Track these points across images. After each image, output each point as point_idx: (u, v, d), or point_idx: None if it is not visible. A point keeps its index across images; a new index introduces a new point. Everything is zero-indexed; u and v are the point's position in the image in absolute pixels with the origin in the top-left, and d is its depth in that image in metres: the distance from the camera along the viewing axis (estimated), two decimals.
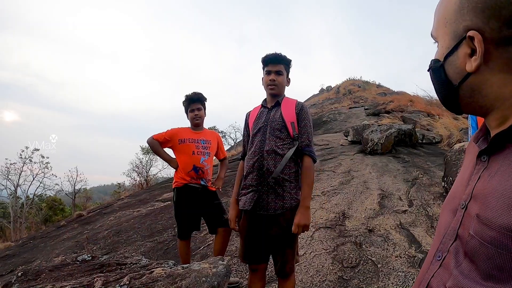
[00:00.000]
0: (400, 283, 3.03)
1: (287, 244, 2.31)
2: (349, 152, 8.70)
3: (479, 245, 0.60)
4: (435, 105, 14.13)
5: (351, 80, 31.97)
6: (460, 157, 5.01)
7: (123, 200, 10.60)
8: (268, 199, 2.27)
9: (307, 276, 3.35)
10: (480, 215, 0.62)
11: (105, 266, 2.90)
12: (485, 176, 0.66)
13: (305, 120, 2.40)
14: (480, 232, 0.61)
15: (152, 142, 3.54)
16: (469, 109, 0.72)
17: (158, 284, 2.21)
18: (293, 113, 2.39)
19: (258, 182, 2.30)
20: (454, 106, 0.74)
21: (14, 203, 20.44)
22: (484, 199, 0.62)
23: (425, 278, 0.78)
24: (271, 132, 2.36)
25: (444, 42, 0.71)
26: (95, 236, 6.60)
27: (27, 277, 2.73)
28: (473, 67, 0.64)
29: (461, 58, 0.67)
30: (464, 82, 0.67)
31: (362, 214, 4.61)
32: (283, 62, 2.47)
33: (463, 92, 0.69)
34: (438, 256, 0.75)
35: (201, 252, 4.36)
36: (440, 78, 0.73)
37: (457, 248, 0.69)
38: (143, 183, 19.56)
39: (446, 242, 0.73)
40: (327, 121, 16.28)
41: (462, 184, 0.75)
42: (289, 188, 2.29)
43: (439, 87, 0.74)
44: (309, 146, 2.37)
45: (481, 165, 0.69)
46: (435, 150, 8.47)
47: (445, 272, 0.71)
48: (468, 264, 0.64)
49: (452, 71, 0.70)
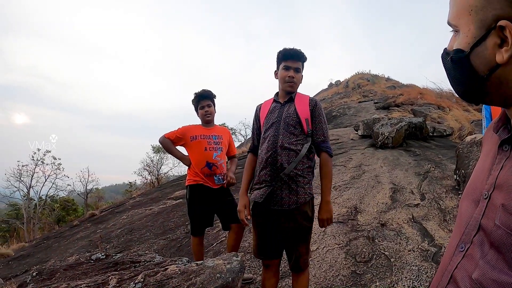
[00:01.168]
0: (413, 277, 3.01)
1: (302, 239, 2.32)
2: (360, 146, 8.66)
3: (506, 235, 0.60)
4: (445, 98, 13.98)
5: (360, 74, 31.77)
6: (472, 150, 4.95)
7: (135, 199, 10.69)
8: (282, 194, 2.27)
9: (320, 271, 3.35)
10: (506, 205, 0.61)
11: (119, 264, 2.92)
12: (509, 166, 0.65)
13: (319, 116, 2.40)
14: (506, 222, 0.60)
15: (164, 141, 3.55)
16: (493, 101, 0.70)
17: (172, 281, 2.23)
18: (307, 109, 2.39)
19: (272, 178, 2.30)
20: (476, 97, 0.71)
21: (27, 204, 20.68)
22: (510, 189, 0.61)
23: (448, 270, 0.76)
24: (285, 127, 2.34)
25: (468, 32, 0.67)
26: (108, 235, 6.67)
27: (42, 276, 2.76)
28: (505, 58, 0.61)
29: (490, 49, 0.63)
30: (493, 73, 0.64)
31: (374, 208, 4.59)
32: (302, 59, 2.46)
33: (491, 84, 0.66)
34: (461, 247, 0.73)
35: (214, 249, 4.38)
36: (464, 69, 0.69)
37: (481, 239, 0.68)
38: (154, 181, 19.66)
39: (469, 233, 0.72)
40: (336, 115, 16.21)
41: (483, 174, 0.73)
42: (302, 183, 2.29)
43: (462, 78, 0.71)
44: (325, 141, 2.38)
45: (503, 155, 0.68)
46: (446, 143, 8.38)
47: (470, 262, 0.69)
48: (495, 254, 0.63)
49: (479, 62, 0.66)
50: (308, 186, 2.33)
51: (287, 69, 2.41)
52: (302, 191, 2.28)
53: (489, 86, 0.67)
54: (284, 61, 2.42)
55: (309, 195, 2.32)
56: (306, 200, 2.29)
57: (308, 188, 2.33)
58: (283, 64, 2.43)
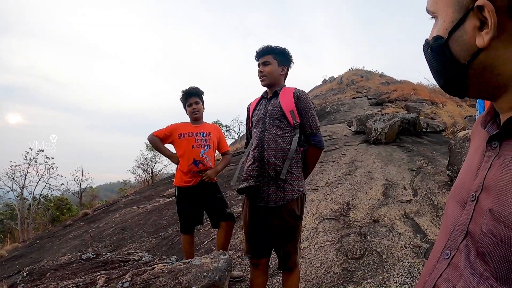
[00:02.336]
0: (405, 274, 3.00)
1: (289, 238, 2.27)
2: (353, 142, 8.66)
3: (493, 245, 0.54)
4: (439, 93, 14.03)
5: (354, 70, 31.86)
6: (464, 145, 4.96)
7: (128, 197, 10.65)
8: (269, 190, 2.23)
9: (311, 268, 3.33)
10: (494, 211, 0.55)
11: (108, 264, 2.90)
12: (497, 165, 0.59)
13: (306, 108, 2.34)
14: (494, 230, 0.55)
15: (153, 139, 3.52)
16: (478, 91, 0.64)
17: (159, 280, 2.20)
18: (292, 101, 2.34)
19: (259, 173, 2.27)
20: (460, 89, 0.65)
21: (21, 204, 20.57)
22: (499, 193, 0.56)
23: (431, 278, 0.71)
24: (270, 122, 2.32)
25: (446, 16, 0.62)
26: (100, 234, 6.63)
27: (32, 277, 2.74)
28: (486, 42, 0.56)
29: (469, 33, 0.58)
30: (475, 59, 0.59)
31: (367, 204, 4.58)
32: (269, 52, 2.45)
33: (473, 72, 0.60)
34: (446, 254, 0.68)
35: (205, 247, 4.35)
36: (444, 57, 0.64)
37: (468, 246, 0.63)
38: (148, 179, 19.63)
39: (455, 239, 0.67)
40: (330, 111, 16.22)
41: (470, 173, 0.68)
42: (290, 179, 2.24)
43: (442, 68, 0.65)
44: (314, 134, 2.35)
45: (492, 152, 0.62)
46: (440, 138, 8.40)
47: (454, 272, 0.64)
48: (481, 264, 0.58)
49: (459, 48, 0.61)
50: (297, 182, 2.28)
51: (258, 67, 2.46)
52: (290, 188, 2.23)
53: (472, 75, 0.61)
54: (257, 61, 2.49)
55: (297, 192, 2.26)
56: (293, 197, 2.24)
57: (297, 185, 2.27)
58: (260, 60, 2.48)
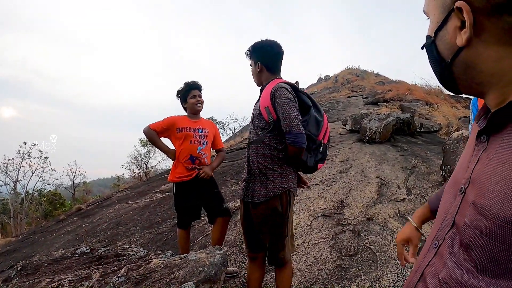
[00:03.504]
0: (398, 271, 3.03)
1: (275, 234, 2.28)
2: (348, 141, 8.69)
3: (474, 236, 0.57)
4: (434, 94, 14.10)
5: (350, 69, 31.92)
6: (458, 146, 5.00)
7: (122, 193, 10.61)
8: (254, 187, 2.26)
9: (305, 265, 3.35)
10: (476, 203, 0.58)
11: (103, 258, 2.90)
12: (484, 159, 0.62)
13: (279, 105, 2.15)
14: (475, 221, 0.57)
15: (149, 132, 3.40)
16: (466, 88, 0.67)
17: (155, 274, 2.21)
18: (268, 97, 2.24)
19: (247, 171, 2.33)
20: (451, 85, 0.69)
21: (14, 199, 20.43)
22: (480, 185, 0.59)
23: (421, 266, 0.75)
24: (253, 122, 2.35)
25: (434, 17, 0.67)
26: (94, 229, 6.61)
27: (26, 271, 2.73)
28: (463, 41, 0.59)
29: (451, 32, 0.62)
30: (457, 57, 0.63)
31: (361, 202, 4.61)
32: (248, 54, 2.49)
33: (457, 69, 0.64)
34: (435, 243, 0.71)
35: (200, 242, 4.36)
36: (432, 55, 0.68)
37: (453, 237, 0.65)
38: (142, 175, 19.56)
39: (443, 229, 0.70)
40: (325, 110, 16.23)
41: (462, 167, 0.71)
42: (272, 176, 2.23)
43: (433, 65, 0.70)
44: (290, 132, 2.12)
45: (481, 146, 0.65)
46: (434, 138, 8.46)
47: (439, 261, 0.68)
48: (463, 254, 0.60)
49: (443, 47, 0.65)
50: (279, 179, 2.24)
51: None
52: (272, 184, 2.22)
53: (456, 72, 0.65)
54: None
55: (279, 188, 2.23)
56: (275, 194, 2.22)
57: (279, 182, 2.24)
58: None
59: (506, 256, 0.51)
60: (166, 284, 2.09)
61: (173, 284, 2.08)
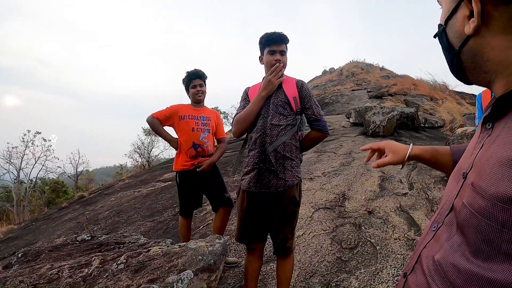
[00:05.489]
0: (398, 266, 3.03)
1: (288, 223, 2.30)
2: (351, 134, 8.67)
3: (470, 216, 0.57)
4: (439, 90, 14.03)
5: (354, 63, 31.72)
6: (462, 142, 4.97)
7: (124, 181, 10.65)
8: (269, 176, 2.23)
9: (305, 256, 3.35)
10: (474, 183, 0.59)
11: (103, 246, 2.90)
12: (486, 144, 0.63)
13: (308, 96, 2.35)
14: (472, 201, 0.58)
15: (153, 121, 3.43)
16: (474, 76, 0.68)
17: (154, 262, 2.21)
18: (295, 89, 2.34)
19: (260, 160, 2.25)
20: (460, 74, 0.70)
21: (17, 186, 20.54)
22: (480, 167, 0.60)
23: (419, 249, 0.76)
24: (274, 109, 2.29)
25: (445, 6, 0.68)
26: (96, 216, 6.64)
27: (27, 257, 2.74)
28: (471, 29, 0.61)
29: (460, 21, 0.64)
30: (465, 46, 0.64)
31: (362, 195, 4.60)
32: (286, 41, 2.39)
33: (465, 57, 0.66)
34: (434, 227, 0.72)
35: (201, 232, 4.37)
36: (443, 43, 0.70)
37: (451, 220, 0.66)
38: (144, 164, 19.63)
39: (443, 213, 0.71)
40: (329, 102, 16.20)
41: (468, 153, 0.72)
42: (289, 166, 2.25)
43: (444, 53, 0.71)
44: (318, 120, 2.34)
45: (485, 133, 0.66)
46: (437, 134, 8.42)
47: (436, 244, 0.68)
48: (459, 237, 0.61)
49: (453, 35, 0.67)
50: (296, 169, 2.29)
51: (272, 54, 2.36)
52: (290, 174, 2.25)
53: (465, 60, 0.66)
54: (268, 46, 2.37)
55: (296, 178, 2.28)
56: (294, 183, 2.26)
57: (296, 171, 2.29)
58: (267, 49, 2.37)
59: (499, 236, 0.51)
60: (165, 272, 2.09)
61: (172, 272, 2.08)
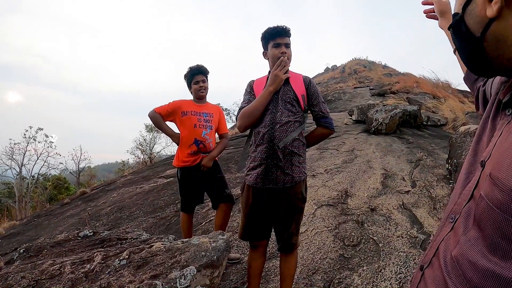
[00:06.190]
0: (401, 263, 3.02)
1: (294, 219, 2.30)
2: (353, 131, 8.65)
3: (487, 209, 0.55)
4: (441, 88, 13.97)
5: (357, 60, 31.66)
6: (465, 140, 4.94)
7: (126, 177, 10.65)
8: (277, 172, 2.21)
9: (308, 253, 3.34)
10: (492, 174, 0.56)
11: (106, 241, 2.90)
12: (505, 132, 0.60)
13: (315, 93, 2.38)
14: (490, 193, 0.55)
15: (154, 116, 3.40)
16: (497, 65, 0.63)
17: (157, 258, 2.20)
18: (302, 86, 2.35)
19: (268, 155, 2.22)
20: (482, 65, 0.65)
21: (19, 182, 20.57)
22: (499, 157, 0.56)
23: (436, 240, 0.73)
24: (283, 105, 2.27)
25: None
26: (98, 212, 6.65)
27: (29, 253, 2.74)
28: (495, 11, 0.56)
29: (480, 5, 0.60)
30: (487, 31, 0.60)
31: (365, 193, 4.59)
32: (290, 34, 2.37)
33: (488, 44, 0.61)
34: (451, 217, 0.69)
35: (203, 228, 4.36)
36: (461, 32, 0.65)
37: (469, 211, 0.63)
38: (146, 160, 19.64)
39: (460, 203, 0.68)
40: (331, 100, 16.17)
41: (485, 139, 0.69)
42: (297, 162, 2.25)
43: (462, 44, 0.66)
44: (325, 117, 2.37)
45: (505, 120, 0.62)
46: (440, 132, 8.39)
47: (454, 237, 0.65)
48: (476, 231, 0.58)
49: (473, 21, 0.62)
50: (303, 165, 2.29)
51: (277, 46, 2.33)
52: (297, 170, 2.24)
53: (487, 47, 0.61)
54: (273, 39, 2.34)
55: (303, 174, 2.28)
56: (301, 179, 2.26)
57: (303, 167, 2.29)
58: (272, 42, 2.34)
59: None
60: (167, 268, 2.08)
61: (174, 268, 2.07)
